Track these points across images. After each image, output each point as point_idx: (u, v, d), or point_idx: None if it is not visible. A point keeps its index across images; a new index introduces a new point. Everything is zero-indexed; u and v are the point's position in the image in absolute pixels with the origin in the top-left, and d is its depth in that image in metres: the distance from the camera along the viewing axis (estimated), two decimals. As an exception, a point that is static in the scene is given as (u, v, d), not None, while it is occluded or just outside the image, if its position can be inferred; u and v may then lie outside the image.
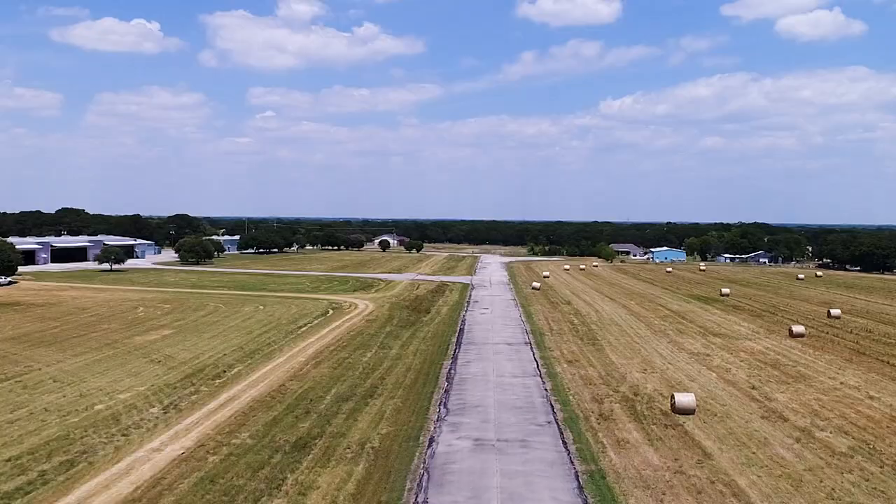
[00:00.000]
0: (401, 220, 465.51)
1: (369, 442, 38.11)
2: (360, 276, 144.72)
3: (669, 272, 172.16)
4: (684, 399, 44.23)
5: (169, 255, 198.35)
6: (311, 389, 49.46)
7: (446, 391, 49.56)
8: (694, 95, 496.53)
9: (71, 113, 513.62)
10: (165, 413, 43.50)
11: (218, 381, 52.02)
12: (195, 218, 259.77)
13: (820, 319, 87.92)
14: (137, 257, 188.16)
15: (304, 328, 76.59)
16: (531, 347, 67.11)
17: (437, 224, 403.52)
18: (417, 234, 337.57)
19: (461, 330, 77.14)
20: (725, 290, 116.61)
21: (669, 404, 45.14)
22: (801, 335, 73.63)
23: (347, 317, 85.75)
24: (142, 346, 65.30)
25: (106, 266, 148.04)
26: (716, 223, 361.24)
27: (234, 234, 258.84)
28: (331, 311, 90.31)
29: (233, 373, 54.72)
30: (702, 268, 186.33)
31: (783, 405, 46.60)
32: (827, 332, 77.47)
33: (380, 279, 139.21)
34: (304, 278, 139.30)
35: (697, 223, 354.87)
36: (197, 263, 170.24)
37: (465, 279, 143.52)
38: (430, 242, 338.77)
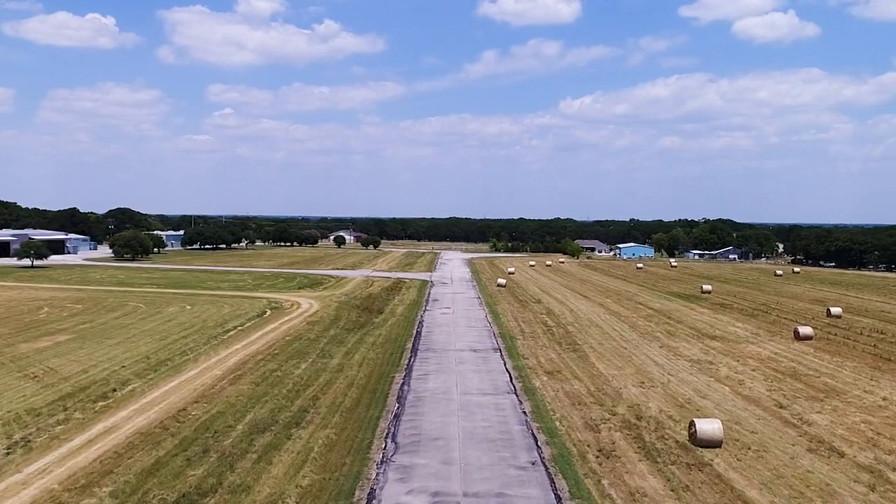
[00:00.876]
0: (359, 217, 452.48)
1: (282, 501, 26.73)
2: (310, 273, 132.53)
3: (641, 268, 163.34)
4: (708, 427, 33.67)
5: (105, 250, 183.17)
6: (219, 416, 37.80)
7: (396, 416, 38.30)
8: (653, 96, 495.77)
9: (23, 109, 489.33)
10: (8, 455, 31.52)
11: (101, 403, 40.04)
12: (138, 213, 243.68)
13: (820, 319, 78.72)
14: (69, 252, 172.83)
15: (233, 332, 64.63)
16: (501, 355, 56.24)
17: (396, 221, 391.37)
18: (376, 231, 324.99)
19: (418, 333, 66.02)
20: (707, 287, 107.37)
21: (688, 433, 34.58)
22: (808, 337, 64.03)
23: (286, 318, 73.92)
24: (24, 355, 52.79)
25: (27, 262, 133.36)
26: (680, 220, 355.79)
27: (179, 230, 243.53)
28: (268, 312, 78.33)
29: (125, 392, 42.72)
30: (673, 264, 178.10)
31: (828, 431, 36.40)
32: (835, 334, 68.07)
33: (330, 276, 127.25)
34: (248, 275, 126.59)
35: (661, 220, 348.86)
36: (133, 259, 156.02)
37: (424, 276, 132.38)
38: (388, 239, 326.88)
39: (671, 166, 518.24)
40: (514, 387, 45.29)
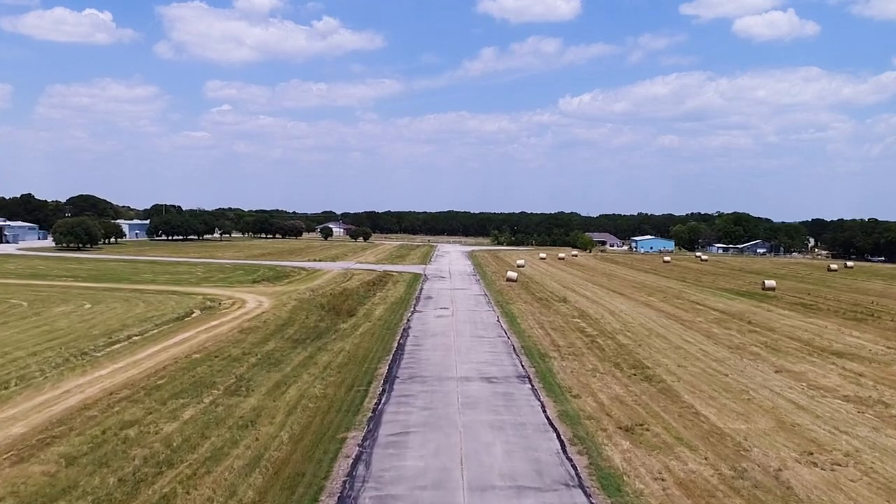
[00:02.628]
0: (352, 212, 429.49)
1: None
2: (280, 265, 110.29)
3: (668, 262, 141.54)
4: None
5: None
6: None
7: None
8: (652, 94, 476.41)
9: (21, 104, 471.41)
10: None
11: None
12: (104, 200, 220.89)
13: (962, 325, 56.88)
14: (7, 242, 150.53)
15: (121, 344, 42.59)
16: (533, 387, 34.24)
17: (390, 214, 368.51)
18: (369, 224, 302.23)
19: (400, 348, 44.05)
20: (770, 283, 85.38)
21: None
22: None
23: (215, 322, 51.84)
24: None
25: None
26: (692, 213, 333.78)
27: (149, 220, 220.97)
28: (196, 313, 56.24)
29: None
30: (703, 257, 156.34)
31: None
32: None
33: (303, 268, 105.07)
34: (202, 267, 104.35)
35: (672, 213, 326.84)
36: (78, 249, 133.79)
37: (416, 268, 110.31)
38: (382, 233, 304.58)
39: (670, 164, 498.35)
40: (576, 468, 23.20)
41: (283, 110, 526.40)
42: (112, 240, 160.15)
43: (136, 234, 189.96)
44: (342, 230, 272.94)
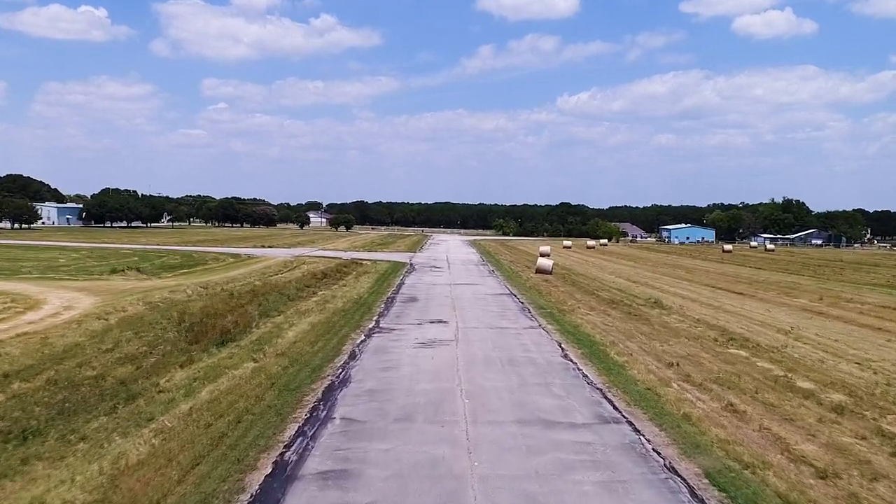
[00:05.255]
0: (339, 202, 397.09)
1: None
2: (208, 251, 77.86)
3: (730, 251, 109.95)
4: None
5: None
6: None
7: None
8: (650, 92, 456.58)
9: (17, 102, 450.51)
10: None
11: None
12: (39, 181, 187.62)
13: None
14: None
15: None
16: None
17: (381, 205, 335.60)
18: (357, 215, 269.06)
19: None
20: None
21: None
22: None
23: None
24: None
25: None
26: (711, 204, 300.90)
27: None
28: None
29: None
30: (769, 246, 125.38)
31: None
32: None
33: (237, 255, 72.86)
34: (88, 253, 71.94)
35: (694, 205, 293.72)
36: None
37: (401, 257, 77.94)
38: (372, 225, 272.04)
39: (667, 163, 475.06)
40: None
41: (279, 108, 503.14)
42: (22, 224, 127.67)
43: (68, 218, 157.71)
44: (323, 220, 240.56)
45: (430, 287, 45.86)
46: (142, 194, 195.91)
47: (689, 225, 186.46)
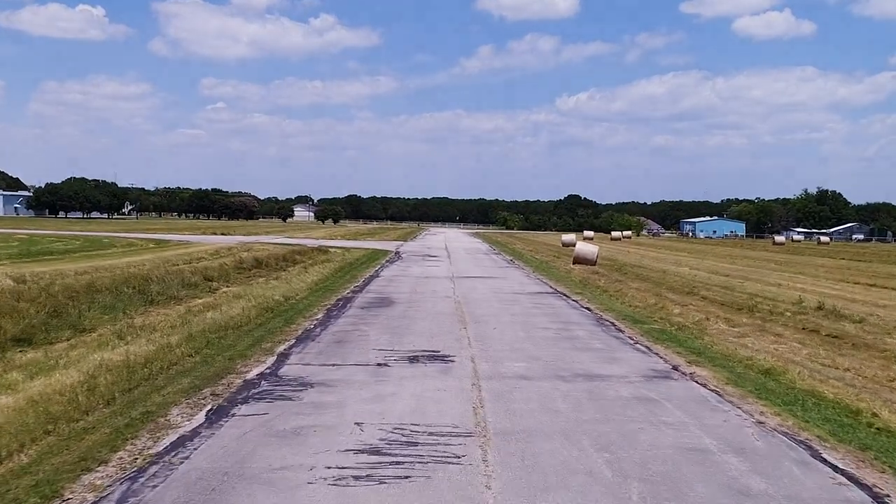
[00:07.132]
0: (329, 196, 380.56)
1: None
2: (126, 237, 59.75)
3: (781, 244, 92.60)
4: None
5: None
6: None
7: None
8: (649, 93, 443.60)
9: (15, 101, 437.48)
10: None
11: None
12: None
13: None
14: None
15: None
16: None
17: (375, 199, 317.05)
18: (349, 210, 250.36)
19: None
20: None
21: None
22: None
23: None
24: None
25: None
26: (726, 200, 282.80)
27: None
28: None
29: None
30: (823, 239, 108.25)
31: None
32: None
33: (164, 241, 54.84)
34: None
35: (708, 201, 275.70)
36: None
37: (384, 245, 59.59)
38: (364, 220, 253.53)
39: (665, 164, 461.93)
40: None
41: (278, 108, 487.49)
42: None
43: (16, 207, 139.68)
44: (311, 213, 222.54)
45: (418, 281, 27.81)
46: (111, 182, 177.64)
47: (714, 218, 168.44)
